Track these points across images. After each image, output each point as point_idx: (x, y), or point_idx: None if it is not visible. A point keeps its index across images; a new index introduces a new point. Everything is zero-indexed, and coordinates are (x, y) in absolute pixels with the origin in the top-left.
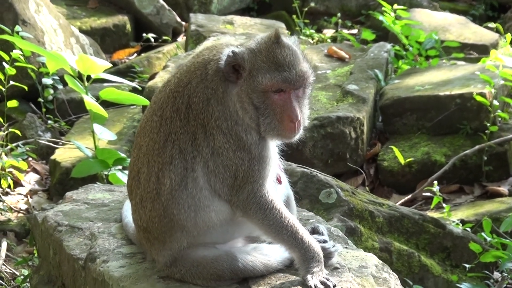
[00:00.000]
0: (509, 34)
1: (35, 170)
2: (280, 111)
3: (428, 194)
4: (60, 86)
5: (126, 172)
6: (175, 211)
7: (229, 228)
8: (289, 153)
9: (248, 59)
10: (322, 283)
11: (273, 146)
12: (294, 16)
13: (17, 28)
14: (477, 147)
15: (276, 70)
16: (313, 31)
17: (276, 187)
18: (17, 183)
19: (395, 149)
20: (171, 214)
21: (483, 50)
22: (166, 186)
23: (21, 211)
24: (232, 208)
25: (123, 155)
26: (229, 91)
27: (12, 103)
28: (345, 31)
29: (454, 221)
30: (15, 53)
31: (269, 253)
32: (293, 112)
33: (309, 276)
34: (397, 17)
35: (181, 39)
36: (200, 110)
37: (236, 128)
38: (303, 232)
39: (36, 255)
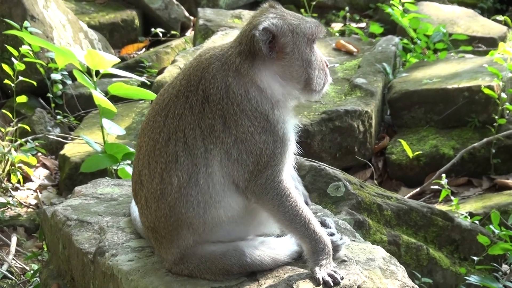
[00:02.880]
0: None
1: (44, 165)
2: (320, 58)
3: (436, 187)
4: (69, 81)
5: None
6: (183, 210)
7: (235, 228)
8: (297, 147)
9: (283, 23)
10: (330, 275)
11: (293, 131)
12: (302, 10)
13: (26, 23)
14: (485, 140)
15: (306, 22)
16: None
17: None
18: (26, 178)
19: (403, 143)
20: (179, 213)
21: (491, 43)
22: (174, 185)
23: (31, 206)
24: (246, 195)
25: (132, 149)
26: (261, 68)
27: (21, 99)
28: (353, 25)
29: (462, 214)
30: (24, 48)
31: (277, 247)
32: (323, 56)
33: (317, 268)
34: (405, 11)
35: (190, 33)
36: (218, 101)
37: (262, 107)
38: (316, 224)
39: (45, 249)
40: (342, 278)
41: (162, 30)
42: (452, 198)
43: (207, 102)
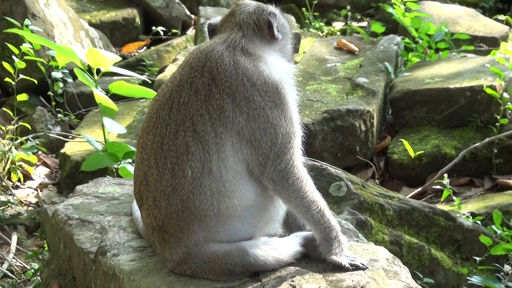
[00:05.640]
0: None
1: (45, 164)
2: None
3: (438, 187)
4: (70, 80)
5: None
6: (196, 203)
7: (244, 224)
8: (302, 146)
9: (274, 8)
10: (352, 265)
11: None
12: (304, 9)
13: (27, 21)
14: (487, 140)
15: None
16: (322, 24)
17: None
18: (27, 177)
19: (405, 142)
20: (192, 206)
21: (493, 42)
22: (188, 177)
23: (31, 205)
24: (263, 182)
25: (133, 148)
26: (266, 48)
27: (22, 97)
28: (354, 24)
29: (464, 214)
30: (25, 46)
31: (280, 247)
32: None
33: (334, 257)
34: (407, 10)
35: (191, 32)
36: (227, 78)
37: (273, 78)
38: (328, 211)
39: (46, 248)
40: (362, 264)
41: (163, 29)
42: (454, 198)
43: (214, 82)
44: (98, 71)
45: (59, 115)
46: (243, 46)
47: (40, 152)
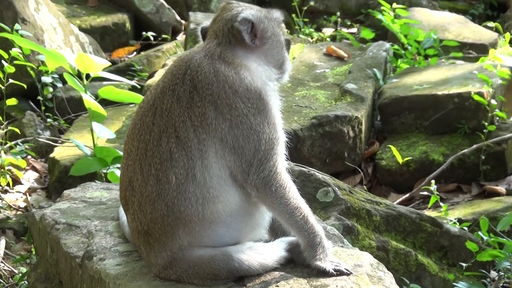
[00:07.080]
0: (508, 33)
1: (34, 168)
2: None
3: (425, 193)
4: (60, 85)
5: None
6: (181, 208)
7: (229, 230)
8: (287, 152)
9: (256, 12)
10: (336, 271)
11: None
12: (294, 15)
13: (17, 26)
14: (475, 146)
15: (270, 9)
16: (312, 30)
17: None
18: (16, 181)
19: (393, 148)
20: (177, 211)
21: (482, 49)
22: (172, 183)
23: (20, 209)
24: (246, 189)
25: (121, 153)
26: (246, 55)
27: (12, 101)
28: (344, 30)
29: (451, 220)
30: (15, 51)
31: (265, 252)
32: None
33: (318, 262)
34: (396, 16)
35: (181, 37)
36: (208, 86)
37: (255, 85)
38: (312, 216)
39: (34, 253)
40: (346, 269)
41: (153, 34)
42: (441, 204)
43: (195, 90)
44: (88, 76)
45: (48, 119)
46: (219, 54)
47: (29, 157)
